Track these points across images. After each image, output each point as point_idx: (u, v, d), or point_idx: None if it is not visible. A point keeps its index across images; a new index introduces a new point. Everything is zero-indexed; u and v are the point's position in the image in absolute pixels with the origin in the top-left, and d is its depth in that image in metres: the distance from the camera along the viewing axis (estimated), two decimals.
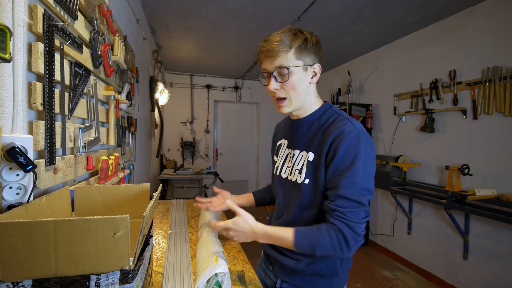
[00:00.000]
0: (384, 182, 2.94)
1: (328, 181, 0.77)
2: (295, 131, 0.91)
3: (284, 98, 0.81)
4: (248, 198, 1.17)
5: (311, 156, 0.82)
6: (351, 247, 0.72)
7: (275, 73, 0.79)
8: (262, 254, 1.09)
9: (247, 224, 0.81)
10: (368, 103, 3.48)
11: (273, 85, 0.79)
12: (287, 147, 0.94)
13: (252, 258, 1.13)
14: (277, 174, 0.95)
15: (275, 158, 0.99)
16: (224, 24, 2.80)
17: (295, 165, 0.86)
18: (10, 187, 0.63)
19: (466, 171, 2.23)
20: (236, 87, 5.21)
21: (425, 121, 2.64)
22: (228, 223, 0.82)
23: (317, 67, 0.82)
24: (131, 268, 0.49)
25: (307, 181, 0.81)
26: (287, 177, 0.90)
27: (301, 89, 0.81)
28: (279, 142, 0.99)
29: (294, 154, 0.88)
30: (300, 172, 0.84)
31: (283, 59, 0.77)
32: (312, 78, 0.83)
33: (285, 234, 0.76)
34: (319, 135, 0.81)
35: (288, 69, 0.77)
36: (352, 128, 0.75)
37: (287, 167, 0.90)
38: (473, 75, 2.28)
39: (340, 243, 0.71)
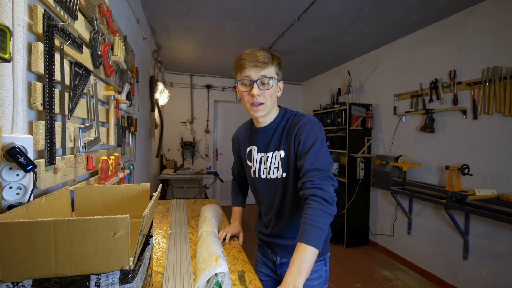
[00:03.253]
0: (384, 182, 2.94)
1: (298, 163, 0.93)
2: (263, 137, 1.05)
3: (262, 104, 0.95)
4: (239, 212, 1.30)
5: (282, 153, 0.98)
6: (331, 203, 0.83)
7: (258, 82, 0.93)
8: (258, 241, 1.25)
9: None
10: (368, 103, 3.48)
11: (256, 90, 0.93)
12: (258, 152, 1.07)
13: (252, 258, 1.13)
14: (256, 176, 1.08)
15: (249, 163, 1.11)
16: (224, 24, 2.79)
17: (272, 164, 1.02)
18: (10, 187, 0.63)
19: (466, 171, 2.23)
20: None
21: (425, 121, 2.64)
22: None
23: (281, 84, 1.02)
24: (131, 268, 0.49)
25: (284, 174, 0.99)
26: (266, 176, 1.04)
27: (274, 98, 0.98)
28: (248, 149, 1.11)
29: (268, 156, 1.03)
30: (278, 169, 1.00)
31: (267, 71, 0.93)
32: (278, 91, 1.01)
33: (305, 255, 0.75)
34: (284, 134, 0.99)
35: (272, 79, 0.94)
36: (307, 120, 0.95)
37: (264, 168, 1.05)
38: (473, 75, 2.28)
39: (324, 204, 0.81)
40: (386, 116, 3.28)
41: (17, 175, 0.64)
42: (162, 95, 3.50)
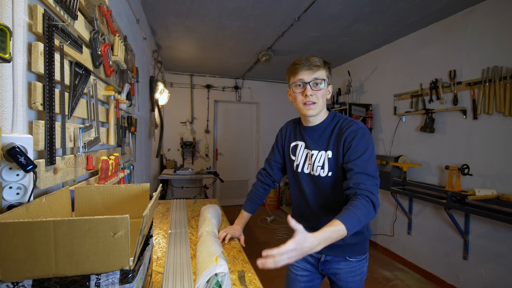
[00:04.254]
0: (384, 182, 2.94)
1: (346, 166, 0.98)
2: (310, 135, 1.12)
3: (314, 103, 1.03)
4: (246, 217, 1.32)
5: (330, 153, 1.05)
6: (376, 208, 0.90)
7: (311, 83, 1.02)
8: None
9: (307, 241, 0.74)
10: (368, 103, 3.48)
11: (309, 91, 1.02)
12: (305, 148, 1.13)
13: (252, 258, 1.13)
14: (299, 170, 1.14)
15: (293, 157, 1.18)
16: (224, 24, 2.79)
17: (316, 162, 1.07)
18: (10, 187, 0.63)
19: (466, 171, 2.22)
20: (236, 87, 5.20)
21: (425, 121, 2.64)
22: (291, 245, 0.71)
23: (330, 88, 1.10)
24: (131, 268, 0.49)
25: (330, 173, 1.05)
26: (310, 172, 1.10)
27: (325, 99, 1.06)
28: (294, 143, 1.18)
29: (313, 154, 1.09)
30: (322, 168, 1.06)
31: (319, 73, 1.02)
32: (328, 94, 1.09)
33: (336, 230, 0.81)
34: (333, 136, 1.05)
35: (324, 81, 1.03)
36: (358, 126, 1.02)
37: (309, 164, 1.11)
38: (473, 75, 2.28)
39: (371, 207, 0.88)
40: (386, 116, 3.28)
41: (17, 175, 0.64)
42: (162, 95, 3.50)
